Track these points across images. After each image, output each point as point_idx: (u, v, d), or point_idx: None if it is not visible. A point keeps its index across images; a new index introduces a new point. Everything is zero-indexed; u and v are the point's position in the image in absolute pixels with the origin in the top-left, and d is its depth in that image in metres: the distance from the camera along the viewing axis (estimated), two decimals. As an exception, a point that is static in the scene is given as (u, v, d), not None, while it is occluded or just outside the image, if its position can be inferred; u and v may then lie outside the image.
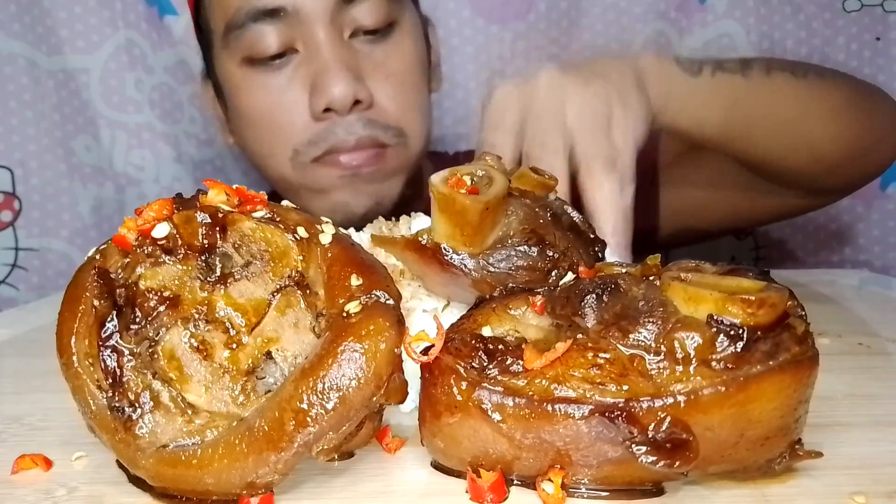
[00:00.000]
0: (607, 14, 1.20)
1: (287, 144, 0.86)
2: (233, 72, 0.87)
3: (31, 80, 1.17)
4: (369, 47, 0.85)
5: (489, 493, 0.35)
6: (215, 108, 1.00)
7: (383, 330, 0.34)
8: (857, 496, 0.34)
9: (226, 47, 0.86)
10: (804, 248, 1.23)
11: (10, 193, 1.18)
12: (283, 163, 0.88)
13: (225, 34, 0.85)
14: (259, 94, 0.85)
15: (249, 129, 0.90)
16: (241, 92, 0.87)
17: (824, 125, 0.79)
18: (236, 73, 0.86)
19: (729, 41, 1.19)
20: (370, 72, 0.84)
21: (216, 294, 0.39)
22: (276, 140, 0.87)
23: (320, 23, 0.81)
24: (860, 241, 1.22)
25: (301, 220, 0.40)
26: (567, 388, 0.34)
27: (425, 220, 0.53)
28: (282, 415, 0.34)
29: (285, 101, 0.84)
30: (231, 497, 0.35)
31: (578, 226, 0.46)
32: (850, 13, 1.18)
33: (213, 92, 0.98)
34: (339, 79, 0.80)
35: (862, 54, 1.19)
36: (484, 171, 0.44)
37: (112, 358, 0.36)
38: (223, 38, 0.85)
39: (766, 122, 0.77)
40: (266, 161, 0.90)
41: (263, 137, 0.88)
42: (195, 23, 0.94)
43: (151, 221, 0.38)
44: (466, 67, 1.21)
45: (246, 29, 0.82)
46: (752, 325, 0.32)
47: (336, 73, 0.81)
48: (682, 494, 0.36)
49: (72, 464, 0.41)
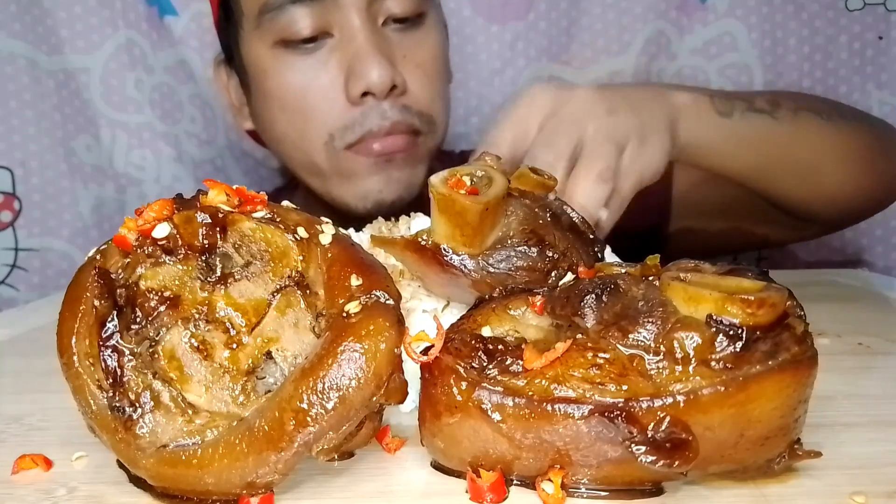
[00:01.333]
0: (607, 14, 1.19)
1: (321, 129, 0.86)
2: (263, 54, 0.87)
3: (31, 80, 1.17)
4: (400, 36, 0.86)
5: (489, 493, 0.35)
6: (231, 94, 1.00)
7: (383, 330, 0.34)
8: (857, 496, 0.34)
9: (257, 28, 0.86)
10: (806, 248, 1.23)
11: (10, 193, 1.18)
12: (316, 148, 0.88)
13: (259, 15, 0.85)
14: (292, 76, 0.86)
15: (279, 113, 0.89)
16: (272, 73, 0.87)
17: (842, 170, 0.81)
18: (267, 55, 0.87)
19: (731, 40, 1.19)
20: (401, 60, 0.86)
21: (216, 294, 0.39)
22: (309, 124, 0.87)
23: (356, 8, 0.82)
24: (862, 242, 1.22)
25: (301, 220, 0.40)
26: (567, 388, 0.34)
27: (425, 220, 0.53)
28: (282, 415, 0.34)
29: (319, 85, 0.85)
30: (231, 497, 0.35)
31: (578, 226, 0.46)
32: (853, 12, 1.17)
33: (226, 77, 0.98)
34: (377, 63, 0.82)
35: (864, 53, 1.18)
36: (483, 172, 0.44)
37: (112, 358, 0.36)
38: (256, 20, 0.86)
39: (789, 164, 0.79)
40: (296, 145, 0.90)
41: (295, 121, 0.88)
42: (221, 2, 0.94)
43: (152, 222, 0.38)
44: (466, 67, 1.21)
45: (282, 11, 0.83)
46: (752, 325, 0.32)
47: (373, 58, 0.82)
48: (681, 494, 0.36)
49: (72, 464, 0.41)
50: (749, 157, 0.76)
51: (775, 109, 0.77)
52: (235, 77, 0.97)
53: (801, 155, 0.78)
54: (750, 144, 0.76)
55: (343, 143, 0.86)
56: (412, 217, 0.55)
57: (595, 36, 1.20)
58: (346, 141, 0.86)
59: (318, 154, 0.88)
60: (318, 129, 0.87)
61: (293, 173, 0.98)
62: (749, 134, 0.75)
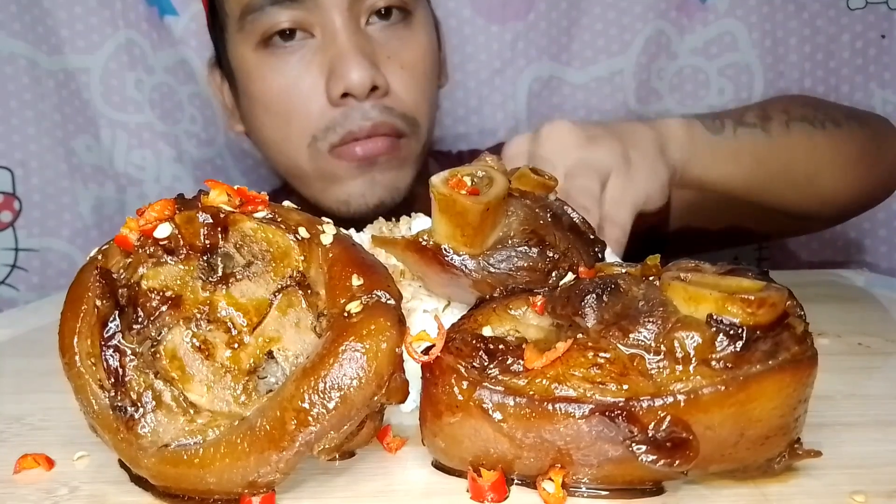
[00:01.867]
0: (607, 14, 1.19)
1: (304, 130, 0.86)
2: (247, 56, 0.87)
3: (31, 80, 1.17)
4: (385, 36, 0.86)
5: (490, 492, 0.35)
6: (223, 96, 1.00)
7: (384, 330, 0.35)
8: (857, 496, 0.34)
9: (241, 30, 0.86)
10: (808, 248, 1.23)
11: (11, 194, 1.18)
12: (300, 150, 0.87)
13: (241, 17, 0.85)
14: (274, 77, 0.86)
15: (264, 115, 0.89)
16: (256, 76, 0.87)
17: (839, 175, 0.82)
18: (251, 57, 0.87)
19: (731, 40, 1.18)
20: (385, 60, 0.85)
21: (218, 294, 0.39)
22: (291, 126, 0.87)
23: (337, 9, 0.82)
24: (866, 242, 1.21)
25: (302, 220, 0.40)
26: (567, 388, 0.34)
27: (426, 220, 0.53)
28: (283, 414, 0.34)
29: (301, 86, 0.85)
30: (233, 496, 0.35)
31: (578, 226, 0.46)
32: (855, 10, 1.17)
33: (220, 79, 0.98)
34: (357, 64, 0.81)
35: (867, 52, 1.18)
36: (484, 172, 0.44)
37: (114, 358, 0.37)
38: (239, 21, 0.86)
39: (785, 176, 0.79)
40: (280, 148, 0.90)
41: (278, 123, 0.88)
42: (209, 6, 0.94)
43: (153, 222, 0.38)
44: (466, 67, 1.21)
45: (263, 12, 0.83)
46: (752, 324, 0.32)
47: (353, 59, 0.81)
48: (682, 494, 0.36)
49: (74, 463, 0.41)
50: (745, 171, 0.76)
51: (766, 122, 0.77)
52: (226, 80, 0.97)
53: (797, 166, 0.78)
54: (745, 159, 0.75)
55: (326, 145, 0.86)
56: (413, 217, 0.55)
57: (595, 36, 1.20)
58: (328, 142, 0.85)
59: (302, 157, 0.88)
60: (301, 131, 0.86)
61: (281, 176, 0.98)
62: (742, 149, 0.75)
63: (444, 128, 1.24)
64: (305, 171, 0.89)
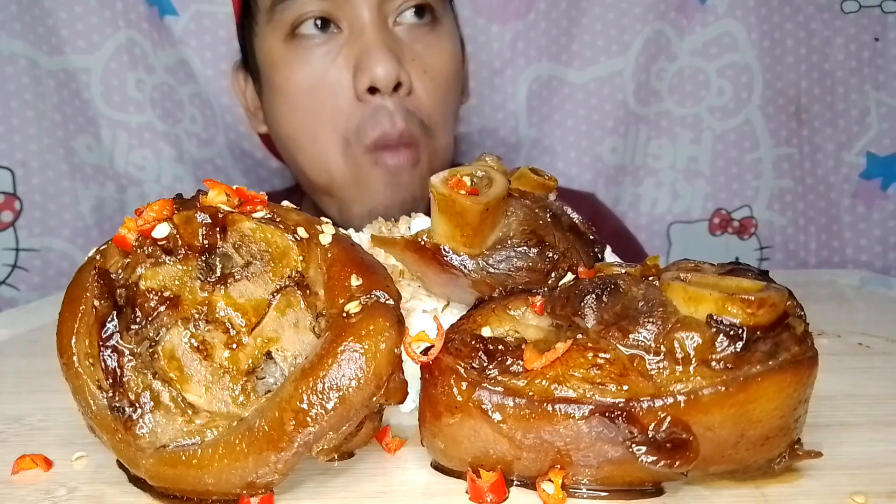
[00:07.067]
0: (607, 14, 1.20)
1: (333, 129, 0.86)
2: (275, 47, 0.87)
3: (31, 80, 1.17)
4: (411, 38, 0.86)
5: (489, 493, 0.35)
6: (246, 99, 1.00)
7: (383, 330, 0.34)
8: (857, 496, 0.34)
9: (270, 21, 0.86)
10: (806, 248, 1.24)
11: (11, 194, 1.18)
12: (333, 153, 0.87)
13: (271, 7, 0.86)
14: (301, 68, 0.86)
15: (290, 112, 0.88)
16: (282, 67, 0.87)
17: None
18: (279, 48, 0.87)
19: (730, 41, 1.19)
20: (410, 62, 0.85)
21: (216, 294, 0.39)
22: (318, 122, 0.86)
23: (366, 4, 0.83)
24: (861, 242, 1.22)
25: (301, 220, 0.40)
26: (567, 389, 0.34)
27: (425, 220, 0.53)
28: (282, 415, 0.34)
29: (327, 79, 0.85)
30: (231, 497, 0.35)
31: (578, 226, 0.46)
32: (849, 14, 1.18)
33: (244, 81, 0.98)
34: (383, 57, 0.81)
35: (861, 55, 1.19)
36: (483, 172, 0.44)
37: (112, 358, 0.36)
38: (268, 13, 0.86)
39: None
40: (309, 152, 0.89)
41: (305, 118, 0.87)
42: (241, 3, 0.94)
43: (152, 222, 0.38)
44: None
45: (293, 1, 0.83)
46: (752, 325, 0.32)
47: (380, 52, 0.82)
48: (682, 494, 0.36)
49: (72, 464, 0.41)
50: None
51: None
52: (251, 81, 0.97)
53: None
54: None
55: (361, 148, 0.85)
56: (412, 217, 0.55)
57: (595, 36, 1.21)
58: (363, 144, 0.85)
59: (335, 160, 0.87)
60: (330, 128, 0.86)
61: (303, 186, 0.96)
62: None
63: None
64: (336, 177, 0.88)
